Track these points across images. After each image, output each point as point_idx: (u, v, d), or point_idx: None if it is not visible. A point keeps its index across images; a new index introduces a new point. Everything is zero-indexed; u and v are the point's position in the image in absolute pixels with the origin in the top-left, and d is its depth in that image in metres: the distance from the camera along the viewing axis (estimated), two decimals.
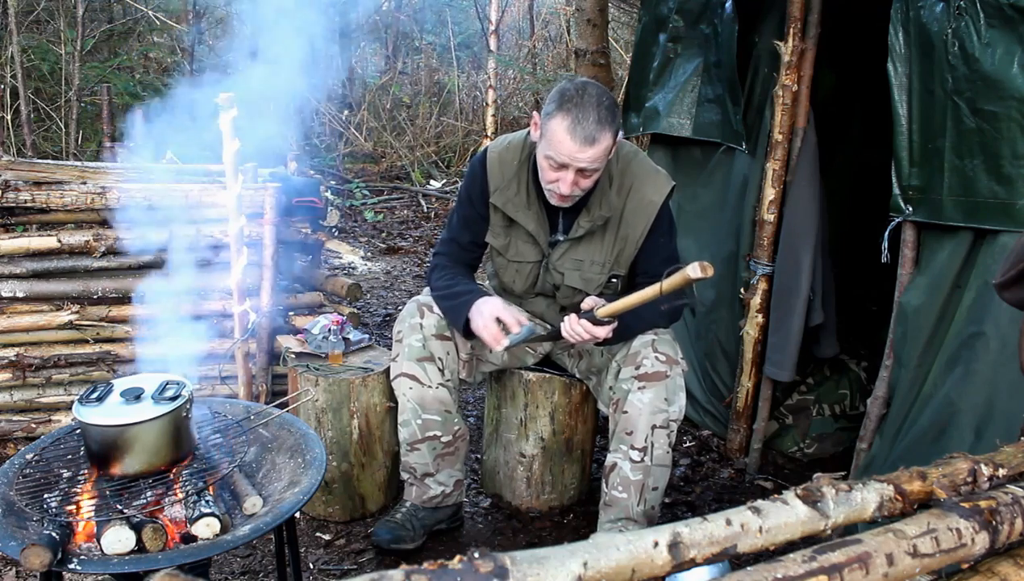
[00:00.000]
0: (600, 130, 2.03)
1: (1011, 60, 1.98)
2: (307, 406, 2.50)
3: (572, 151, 2.04)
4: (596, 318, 2.04)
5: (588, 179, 2.13)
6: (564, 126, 2.03)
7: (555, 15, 9.39)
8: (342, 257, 5.22)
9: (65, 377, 2.94)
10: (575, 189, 2.13)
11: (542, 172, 2.16)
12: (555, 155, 2.07)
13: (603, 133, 2.04)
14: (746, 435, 3.06)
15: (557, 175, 2.12)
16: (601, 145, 2.05)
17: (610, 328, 2.08)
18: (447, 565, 0.67)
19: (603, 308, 2.02)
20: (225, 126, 2.55)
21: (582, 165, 2.07)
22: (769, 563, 0.82)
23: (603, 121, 2.04)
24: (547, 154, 2.10)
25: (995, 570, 1.01)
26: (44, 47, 6.75)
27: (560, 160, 2.07)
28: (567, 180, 2.10)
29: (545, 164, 2.13)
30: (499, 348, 2.18)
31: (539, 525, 2.67)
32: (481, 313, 2.20)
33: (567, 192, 2.12)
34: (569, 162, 2.06)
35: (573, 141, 2.03)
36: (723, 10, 2.93)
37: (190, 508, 1.67)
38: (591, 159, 2.06)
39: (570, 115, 2.03)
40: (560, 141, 2.05)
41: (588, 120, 2.02)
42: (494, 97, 6.77)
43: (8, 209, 2.87)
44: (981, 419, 2.11)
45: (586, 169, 2.09)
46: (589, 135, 2.02)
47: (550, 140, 2.08)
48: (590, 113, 2.02)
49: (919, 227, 2.30)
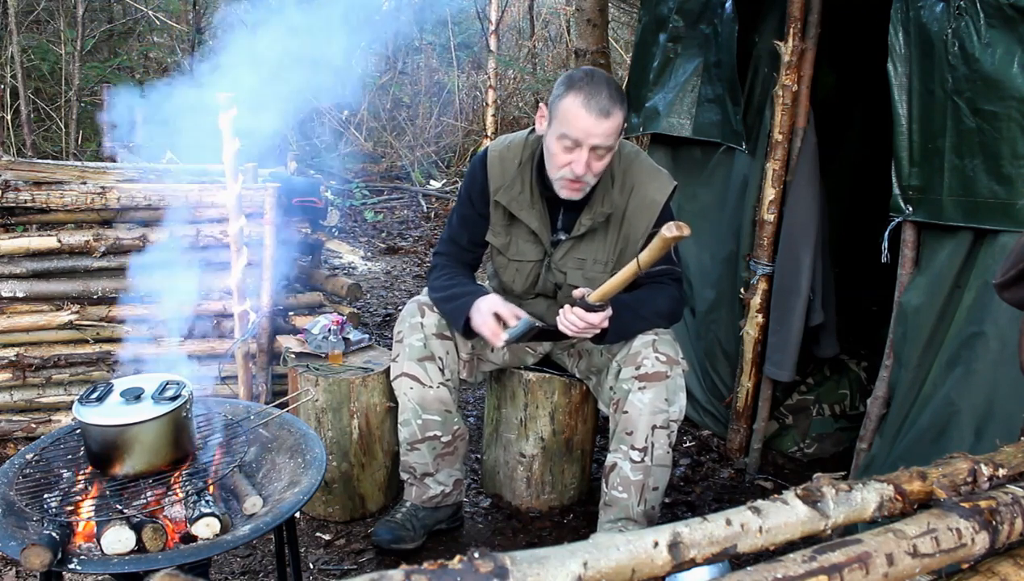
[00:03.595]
0: (613, 105, 2.06)
1: (1011, 60, 1.98)
2: (307, 406, 2.50)
3: (588, 125, 2.06)
4: (588, 304, 2.05)
5: (600, 161, 2.14)
6: (578, 102, 2.06)
7: (555, 15, 9.39)
8: (342, 257, 5.23)
9: (65, 377, 2.94)
10: (588, 172, 2.13)
11: (553, 158, 2.16)
12: (569, 131, 2.08)
13: (615, 108, 2.07)
14: (746, 435, 3.06)
15: (570, 157, 2.12)
16: (614, 120, 2.08)
17: (604, 315, 2.08)
18: (447, 565, 0.67)
19: (593, 293, 2.03)
20: (225, 126, 2.55)
21: (596, 140, 2.08)
22: (769, 563, 0.82)
23: (614, 98, 2.07)
24: (561, 133, 2.10)
25: (995, 570, 1.01)
26: (44, 47, 6.75)
27: (575, 136, 2.08)
28: (581, 160, 2.10)
29: (558, 147, 2.13)
30: (499, 343, 2.18)
31: (539, 525, 2.67)
32: (479, 310, 2.21)
33: (581, 172, 2.12)
34: (584, 138, 2.07)
35: (589, 114, 2.05)
36: (723, 10, 2.93)
37: (190, 508, 1.67)
38: (606, 133, 2.07)
39: (583, 91, 2.06)
40: (575, 116, 2.06)
41: (601, 95, 2.05)
42: (494, 97, 6.76)
43: (8, 209, 2.87)
44: (981, 419, 2.11)
45: (600, 146, 2.09)
46: (604, 108, 2.05)
47: (563, 118, 2.09)
48: (603, 89, 2.06)
49: (919, 227, 2.30)
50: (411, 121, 8.65)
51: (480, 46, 9.00)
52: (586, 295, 2.05)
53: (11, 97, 6.22)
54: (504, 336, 2.16)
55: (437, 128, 8.59)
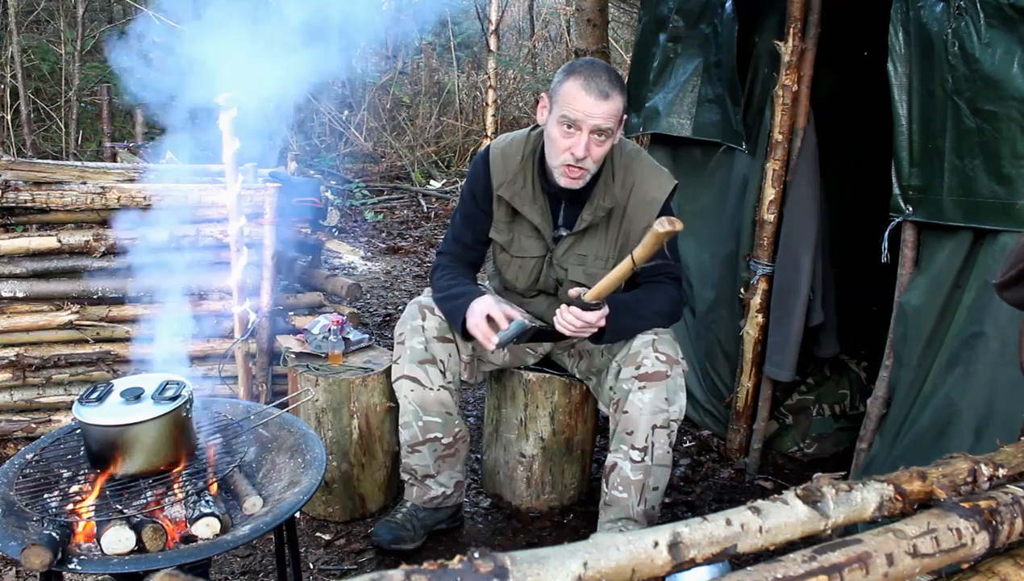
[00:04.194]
0: (612, 88, 2.10)
1: (1011, 60, 1.98)
2: (307, 406, 2.50)
3: (587, 106, 2.09)
4: (585, 303, 2.05)
5: (600, 147, 2.16)
6: (578, 84, 2.10)
7: (555, 15, 9.39)
8: (342, 257, 5.22)
9: (65, 377, 2.94)
10: (588, 156, 2.14)
11: (555, 144, 2.17)
12: (569, 112, 2.11)
13: (615, 92, 2.11)
14: (746, 435, 3.06)
15: (570, 141, 2.14)
16: (613, 103, 2.11)
17: (601, 314, 2.08)
18: (447, 565, 0.67)
19: (589, 292, 2.04)
20: (225, 126, 2.55)
21: (596, 121, 2.10)
22: (769, 563, 0.82)
23: (614, 82, 2.11)
24: (561, 115, 2.13)
25: (995, 570, 1.01)
26: (44, 47, 6.76)
27: (574, 116, 2.10)
28: (581, 142, 2.12)
29: (558, 131, 2.15)
30: (490, 346, 2.18)
31: (539, 525, 2.67)
32: (473, 312, 2.21)
33: (581, 154, 2.13)
34: (583, 119, 2.10)
35: (588, 95, 2.09)
36: (723, 10, 2.93)
37: (190, 508, 1.67)
38: (605, 115, 2.10)
39: (582, 74, 2.11)
40: (575, 97, 2.10)
41: (601, 78, 2.10)
42: (494, 97, 6.76)
43: (8, 209, 2.87)
44: (981, 419, 2.11)
45: (600, 128, 2.11)
46: (603, 90, 2.09)
47: (563, 100, 2.12)
48: (602, 73, 2.11)
49: (919, 227, 2.30)
50: (411, 121, 8.65)
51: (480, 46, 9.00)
52: (582, 294, 2.06)
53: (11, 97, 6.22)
54: (495, 339, 2.15)
55: (437, 128, 8.59)
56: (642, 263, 1.87)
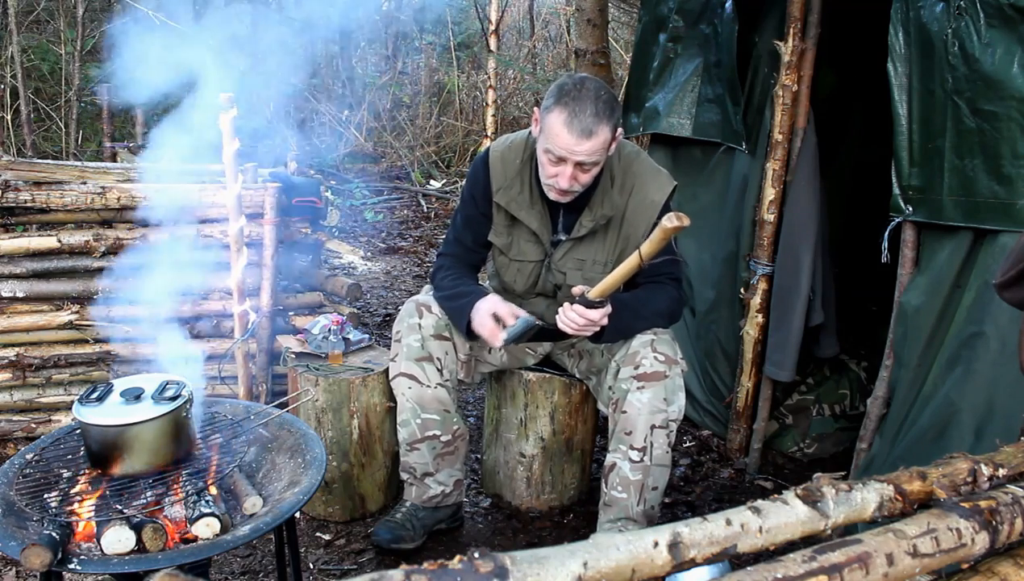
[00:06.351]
0: (597, 123, 2.04)
1: (1011, 60, 1.98)
2: (307, 406, 2.50)
3: (569, 144, 2.05)
4: (588, 301, 2.05)
5: (587, 174, 2.14)
6: (561, 120, 2.05)
7: (555, 15, 9.39)
8: (342, 257, 5.22)
9: (65, 377, 2.94)
10: (574, 184, 2.13)
11: (542, 167, 2.17)
12: (553, 148, 2.08)
13: (600, 126, 2.05)
14: (746, 435, 3.06)
15: (556, 170, 2.13)
16: (598, 138, 2.06)
17: (604, 312, 2.08)
18: (447, 565, 0.67)
19: (593, 289, 2.04)
20: (225, 126, 2.55)
21: (579, 158, 2.07)
22: (769, 563, 0.82)
23: (600, 114, 2.05)
24: (546, 148, 2.12)
25: (995, 570, 1.01)
26: (44, 47, 6.76)
27: (558, 153, 2.08)
28: (566, 174, 2.11)
29: (544, 158, 2.14)
30: (497, 344, 2.18)
31: (539, 525, 2.67)
32: (478, 311, 2.21)
33: (566, 186, 2.13)
34: (567, 156, 2.07)
35: (570, 134, 2.04)
36: (723, 10, 2.93)
37: (190, 508, 1.67)
38: (588, 152, 2.07)
39: (567, 108, 2.04)
40: (557, 134, 2.06)
41: (585, 113, 2.03)
42: (494, 97, 6.77)
43: (8, 209, 2.87)
44: (981, 419, 2.11)
45: (584, 163, 2.09)
46: (586, 128, 2.03)
47: (548, 134, 2.09)
48: (587, 107, 2.04)
49: (919, 227, 2.30)
50: (411, 121, 8.65)
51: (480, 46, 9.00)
52: (586, 291, 2.06)
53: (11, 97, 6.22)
54: (503, 336, 2.16)
55: (437, 128, 8.59)
56: (649, 259, 1.87)
